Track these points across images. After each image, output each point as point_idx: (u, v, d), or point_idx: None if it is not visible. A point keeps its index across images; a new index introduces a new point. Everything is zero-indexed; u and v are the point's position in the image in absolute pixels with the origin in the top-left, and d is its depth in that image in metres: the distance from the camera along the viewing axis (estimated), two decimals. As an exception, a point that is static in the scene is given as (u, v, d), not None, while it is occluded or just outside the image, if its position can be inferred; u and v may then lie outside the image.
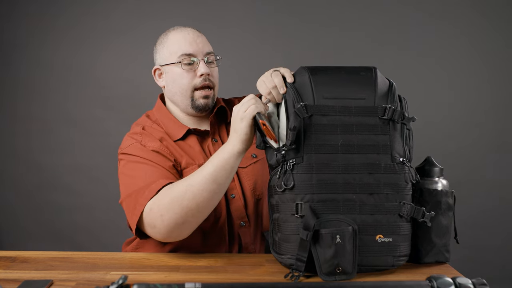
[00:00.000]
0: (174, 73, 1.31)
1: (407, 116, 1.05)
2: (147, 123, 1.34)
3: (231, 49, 2.57)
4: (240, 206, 1.31)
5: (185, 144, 1.32)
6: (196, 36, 1.32)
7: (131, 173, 1.21)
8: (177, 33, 1.32)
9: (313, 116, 1.02)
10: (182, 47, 1.29)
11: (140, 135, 1.29)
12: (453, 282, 0.81)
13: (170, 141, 1.30)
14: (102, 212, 2.70)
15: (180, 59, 1.29)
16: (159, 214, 1.08)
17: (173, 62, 1.30)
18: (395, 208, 1.02)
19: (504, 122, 2.69)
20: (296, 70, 1.10)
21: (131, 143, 1.27)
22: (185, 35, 1.31)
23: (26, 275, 1.03)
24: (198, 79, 1.30)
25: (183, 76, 1.30)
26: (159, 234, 1.11)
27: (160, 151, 1.25)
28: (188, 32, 1.31)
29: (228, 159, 1.08)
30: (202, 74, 1.29)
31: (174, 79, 1.31)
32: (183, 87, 1.30)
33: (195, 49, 1.29)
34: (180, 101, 1.33)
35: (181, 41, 1.30)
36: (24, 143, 2.73)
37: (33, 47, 2.70)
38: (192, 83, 1.30)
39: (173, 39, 1.31)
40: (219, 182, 1.08)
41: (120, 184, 1.24)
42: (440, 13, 2.67)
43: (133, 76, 2.63)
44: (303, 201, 1.00)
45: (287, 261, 1.03)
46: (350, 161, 1.01)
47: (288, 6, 2.69)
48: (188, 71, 1.29)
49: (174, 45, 1.30)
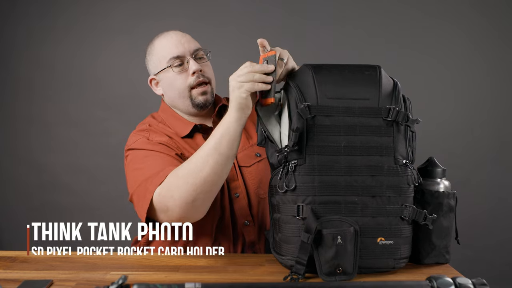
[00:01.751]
0: (167, 78, 1.32)
1: (411, 117, 1.03)
2: (153, 123, 1.35)
3: (231, 48, 2.58)
4: (244, 205, 1.31)
5: (192, 141, 1.33)
6: (180, 36, 1.32)
7: (138, 165, 1.21)
8: (162, 39, 1.34)
9: (316, 116, 1.01)
10: (169, 51, 1.30)
11: (147, 131, 1.31)
12: (453, 282, 0.81)
13: (178, 138, 1.31)
14: (102, 212, 2.69)
15: (169, 63, 1.30)
16: (169, 195, 1.08)
17: (164, 68, 1.31)
18: (397, 210, 1.01)
19: (505, 122, 2.69)
20: (299, 67, 1.10)
21: (137, 139, 1.28)
22: (169, 39, 1.32)
23: (26, 275, 1.03)
24: (192, 77, 1.30)
25: (177, 79, 1.30)
26: (173, 216, 1.11)
27: (168, 144, 1.26)
28: (172, 36, 1.33)
29: (228, 128, 1.07)
30: (194, 72, 1.29)
31: (169, 84, 1.32)
32: (179, 89, 1.31)
33: (182, 50, 1.30)
34: (180, 104, 1.33)
35: (166, 45, 1.31)
36: (24, 143, 2.73)
37: (33, 47, 2.69)
38: (187, 83, 1.30)
39: (159, 45, 1.33)
40: (221, 152, 1.07)
41: (127, 179, 1.24)
42: (440, 13, 2.67)
43: (133, 76, 2.63)
44: (305, 203, 0.99)
45: (288, 262, 1.03)
46: (353, 163, 1.00)
47: (289, 4, 2.69)
48: (180, 73, 1.30)
49: (161, 51, 1.32)
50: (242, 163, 1.34)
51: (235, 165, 1.33)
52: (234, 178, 1.32)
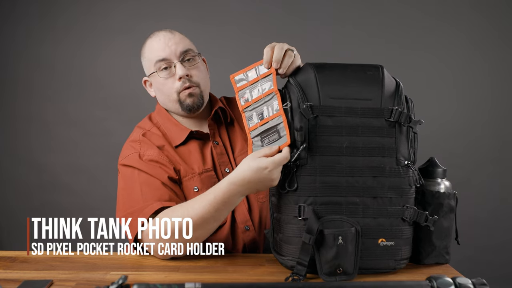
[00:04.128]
0: (157, 82, 1.30)
1: (414, 118, 1.03)
2: (147, 126, 1.34)
3: (231, 48, 2.57)
4: (244, 210, 1.30)
5: (185, 149, 1.30)
6: (168, 39, 1.28)
7: (127, 190, 1.22)
8: (151, 40, 1.31)
9: (318, 116, 1.00)
10: (156, 54, 1.28)
11: (139, 143, 1.28)
12: (453, 282, 0.81)
13: (170, 148, 1.29)
14: (102, 212, 2.69)
15: (156, 66, 1.28)
16: (158, 247, 1.10)
17: (153, 71, 1.29)
18: (398, 212, 1.01)
19: (506, 122, 2.69)
20: (302, 66, 1.09)
21: (130, 153, 1.27)
22: (156, 41, 1.29)
23: (26, 275, 1.03)
24: (178, 82, 1.27)
25: (164, 83, 1.28)
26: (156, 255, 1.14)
27: (159, 160, 1.24)
28: (160, 38, 1.29)
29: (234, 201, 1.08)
30: (181, 77, 1.26)
31: (158, 88, 1.31)
32: (167, 93, 1.29)
33: (168, 53, 1.27)
34: (171, 106, 1.32)
35: (153, 48, 1.29)
36: (24, 143, 2.73)
37: (33, 47, 2.69)
38: (174, 87, 1.28)
39: (148, 47, 1.31)
40: (218, 218, 1.09)
41: (117, 198, 1.26)
42: (440, 13, 2.67)
43: (133, 76, 2.61)
44: (306, 204, 0.99)
45: (288, 263, 1.03)
46: (355, 164, 1.00)
47: (289, 4, 2.69)
48: (166, 78, 1.27)
49: (150, 54, 1.30)
50: None
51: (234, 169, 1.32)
52: None
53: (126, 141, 1.32)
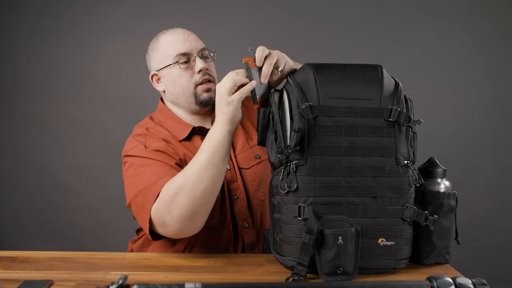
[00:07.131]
0: (172, 74, 1.31)
1: (413, 118, 1.03)
2: (150, 125, 1.34)
3: (231, 48, 2.57)
4: (244, 207, 1.30)
5: (190, 144, 1.31)
6: (187, 34, 1.32)
7: (136, 173, 1.20)
8: (168, 35, 1.33)
9: (317, 117, 1.00)
10: (176, 48, 1.29)
11: (144, 136, 1.29)
12: (453, 282, 0.81)
13: (175, 142, 1.30)
14: (102, 212, 2.70)
15: (176, 59, 1.29)
16: (166, 211, 1.07)
17: (169, 64, 1.30)
18: (398, 211, 1.01)
19: (505, 122, 2.69)
20: (301, 66, 1.09)
21: (134, 145, 1.26)
22: (176, 35, 1.31)
23: (26, 275, 1.03)
24: (197, 75, 1.30)
25: (182, 76, 1.30)
26: (171, 231, 1.10)
27: (165, 150, 1.25)
28: (179, 33, 1.32)
29: (222, 141, 1.08)
30: (201, 70, 1.29)
31: (173, 81, 1.31)
32: (184, 86, 1.30)
33: (189, 47, 1.30)
34: (183, 100, 1.32)
35: (173, 42, 1.31)
36: (24, 143, 2.73)
37: (33, 47, 2.70)
38: (192, 80, 1.30)
39: (165, 41, 1.32)
40: (216, 165, 1.08)
41: (125, 187, 1.23)
42: (440, 13, 2.67)
43: (134, 75, 2.63)
44: (306, 204, 0.99)
45: (288, 263, 1.03)
46: (354, 164, 1.00)
47: (289, 4, 2.69)
48: (186, 70, 1.30)
49: (167, 48, 1.31)
50: (241, 164, 1.33)
51: (235, 166, 1.33)
52: (234, 180, 1.31)
53: (129, 137, 1.32)
